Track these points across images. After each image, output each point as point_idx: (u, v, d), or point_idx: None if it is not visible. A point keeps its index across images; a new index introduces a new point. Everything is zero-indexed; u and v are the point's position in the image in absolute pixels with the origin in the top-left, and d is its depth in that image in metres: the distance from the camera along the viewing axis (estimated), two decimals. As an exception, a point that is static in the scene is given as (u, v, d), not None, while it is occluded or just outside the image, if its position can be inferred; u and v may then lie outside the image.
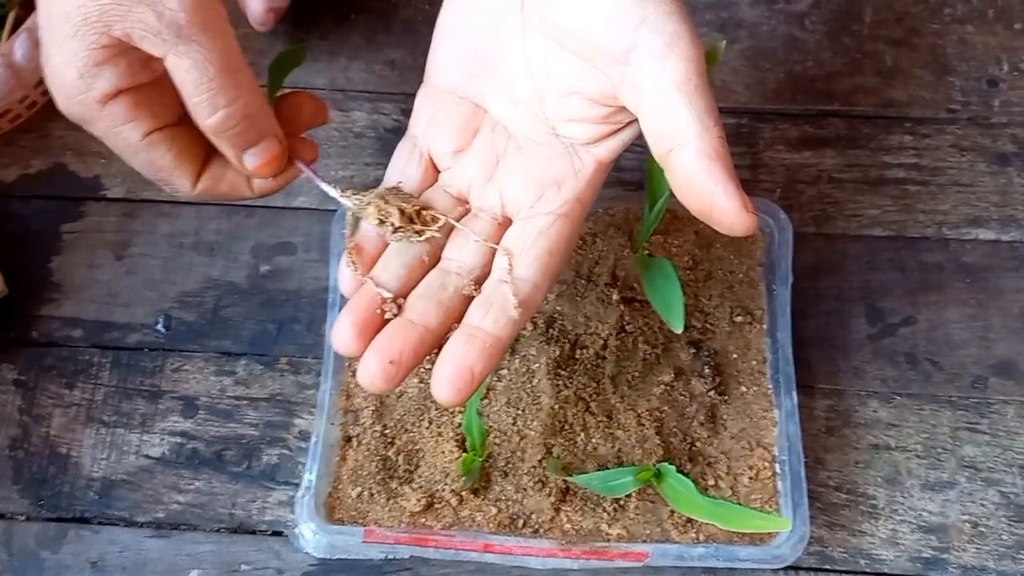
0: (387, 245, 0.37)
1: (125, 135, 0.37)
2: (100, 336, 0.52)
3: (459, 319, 0.35)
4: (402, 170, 0.39)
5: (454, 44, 0.38)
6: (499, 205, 0.37)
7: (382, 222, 0.36)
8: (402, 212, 0.36)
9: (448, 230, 0.37)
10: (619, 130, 0.36)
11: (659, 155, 0.33)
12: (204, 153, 0.40)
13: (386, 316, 0.35)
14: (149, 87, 0.37)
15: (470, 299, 0.35)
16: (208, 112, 0.36)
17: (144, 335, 0.52)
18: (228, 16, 0.36)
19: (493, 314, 0.34)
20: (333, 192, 0.38)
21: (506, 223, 0.37)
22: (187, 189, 0.40)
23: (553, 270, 0.36)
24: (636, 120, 0.34)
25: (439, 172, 0.39)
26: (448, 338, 0.34)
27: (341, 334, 0.34)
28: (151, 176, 0.40)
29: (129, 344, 0.52)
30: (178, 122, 0.39)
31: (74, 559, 0.47)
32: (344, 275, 0.37)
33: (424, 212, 0.37)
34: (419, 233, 0.36)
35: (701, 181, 0.32)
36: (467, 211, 0.38)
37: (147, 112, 0.37)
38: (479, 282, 0.35)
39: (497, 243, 0.36)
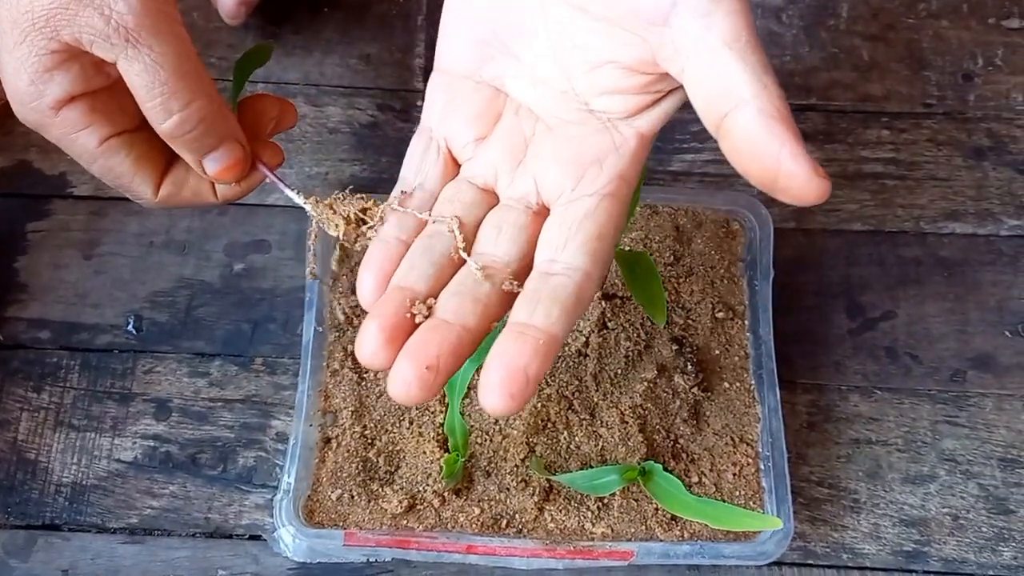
0: (407, 245, 0.34)
1: (81, 141, 0.36)
2: (68, 338, 0.51)
3: (498, 319, 0.31)
4: (418, 166, 0.36)
5: (466, 25, 0.35)
6: (533, 192, 0.34)
7: (339, 226, 0.36)
8: (346, 219, 0.35)
9: (474, 227, 0.34)
10: (660, 99, 0.32)
11: (712, 122, 0.29)
12: (165, 159, 0.39)
13: (416, 320, 0.31)
14: (105, 92, 0.36)
15: (509, 296, 0.31)
16: (163, 116, 0.35)
17: (114, 336, 0.51)
18: (180, 18, 0.36)
19: (543, 308, 0.30)
20: (298, 199, 0.37)
21: (542, 211, 0.33)
22: (148, 196, 0.39)
23: (604, 255, 0.32)
24: (679, 87, 0.31)
25: (459, 165, 0.36)
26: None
27: (368, 343, 0.30)
28: (111, 183, 0.39)
29: (98, 346, 0.51)
30: (137, 128, 0.38)
31: (44, 567, 0.45)
32: (365, 282, 0.33)
33: (370, 211, 0.35)
34: (367, 230, 0.35)
35: (764, 144, 0.28)
36: (496, 202, 0.35)
37: (103, 117, 0.36)
38: (518, 277, 0.32)
39: (535, 232, 0.33)
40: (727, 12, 0.29)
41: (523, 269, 0.32)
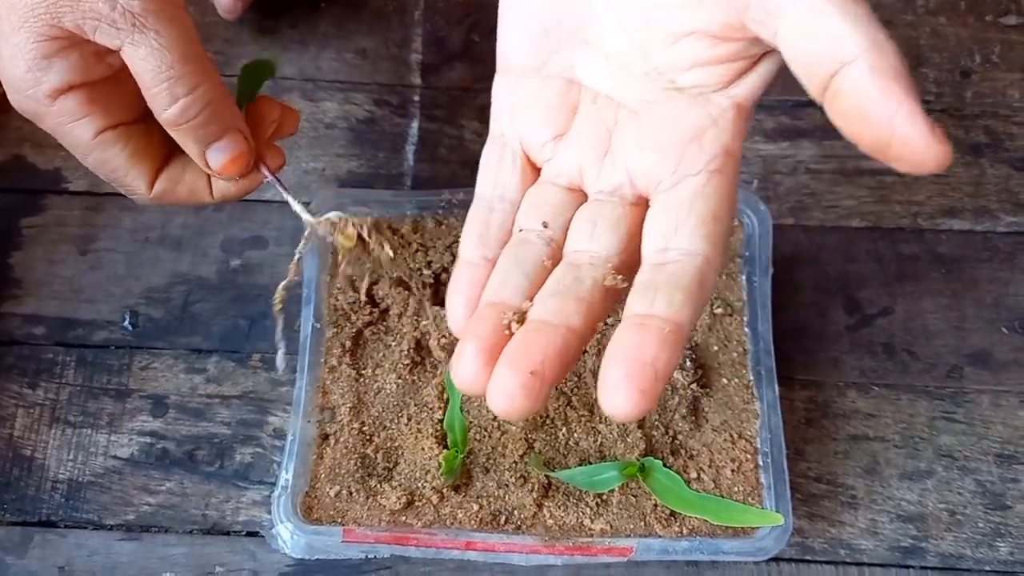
0: (493, 264, 0.31)
1: (77, 132, 0.36)
2: (64, 334, 0.50)
3: (604, 318, 0.29)
4: (495, 178, 0.33)
5: (526, 18, 0.33)
6: (627, 183, 0.31)
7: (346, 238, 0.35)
8: (347, 237, 0.35)
9: (564, 231, 0.31)
10: (756, 62, 0.29)
11: (817, 86, 0.26)
12: (161, 154, 0.39)
13: (515, 331, 0.28)
14: (104, 83, 0.36)
15: (614, 293, 0.29)
16: (167, 101, 0.35)
17: (110, 332, 0.51)
18: (185, 4, 0.35)
19: (664, 296, 0.27)
20: (297, 207, 0.37)
21: (640, 202, 0.31)
22: (143, 191, 0.39)
23: (721, 236, 0.29)
24: (774, 50, 0.28)
25: (539, 168, 0.33)
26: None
27: (468, 366, 0.27)
28: (105, 177, 0.39)
29: (94, 342, 0.50)
30: (134, 120, 0.37)
31: (40, 564, 0.45)
32: (455, 306, 0.30)
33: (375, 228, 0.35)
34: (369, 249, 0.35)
35: (878, 105, 0.25)
36: (584, 199, 0.32)
37: (100, 108, 0.36)
38: (621, 271, 0.29)
39: (635, 224, 0.30)
40: None
41: (625, 264, 0.30)
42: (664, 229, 0.29)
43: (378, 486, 0.44)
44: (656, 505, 0.44)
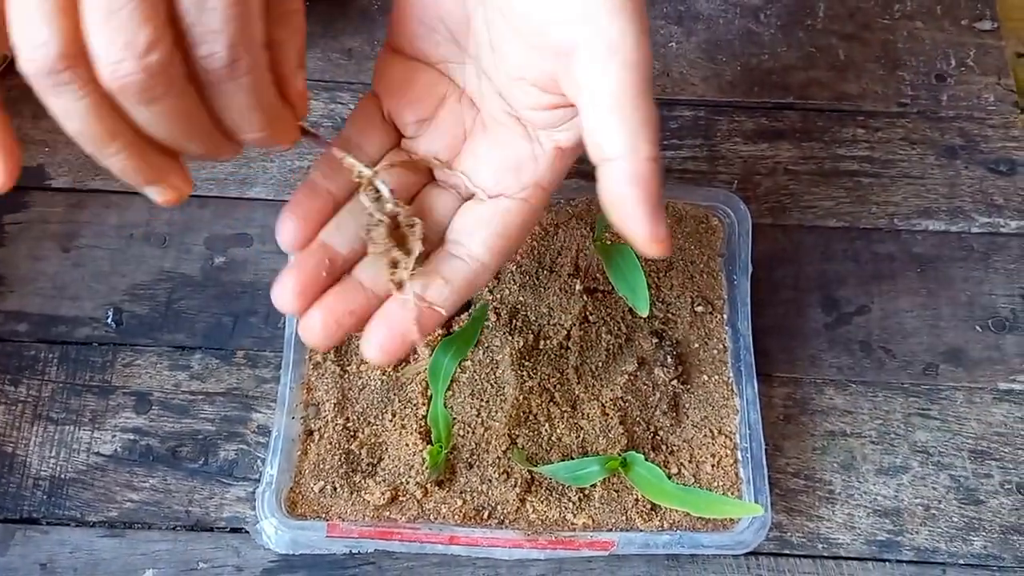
0: (337, 202, 0.35)
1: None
2: (47, 330, 0.50)
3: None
4: (362, 127, 0.37)
5: (419, 7, 0.35)
6: (463, 184, 0.36)
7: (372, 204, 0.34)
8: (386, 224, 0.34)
9: (406, 199, 0.35)
10: (576, 114, 0.33)
11: (593, 162, 0.31)
12: None
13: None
14: None
15: None
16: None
17: (93, 329, 0.51)
18: None
19: (437, 287, 0.34)
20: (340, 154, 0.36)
21: (469, 198, 0.36)
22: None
23: (504, 252, 0.35)
24: None
25: (401, 136, 0.37)
26: None
27: (285, 291, 0.33)
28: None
29: (77, 338, 0.50)
30: None
31: (22, 561, 0.45)
32: (287, 224, 0.34)
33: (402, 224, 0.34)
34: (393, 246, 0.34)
35: (619, 203, 0.30)
36: (430, 178, 0.37)
37: None
38: (429, 255, 0.35)
39: None
40: (622, 63, 0.29)
41: (440, 243, 0.36)
42: (465, 228, 0.35)
43: (362, 481, 0.44)
44: (637, 500, 0.44)
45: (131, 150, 0.29)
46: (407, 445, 0.45)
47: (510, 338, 0.47)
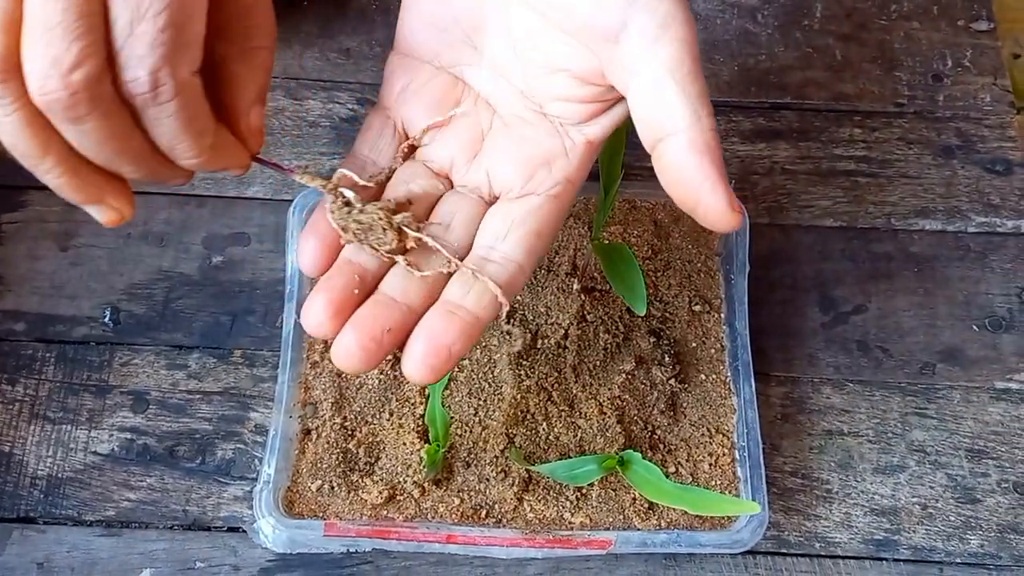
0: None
1: None
2: (44, 329, 0.50)
3: (437, 298, 0.33)
4: (373, 143, 0.36)
5: (429, 8, 0.35)
6: (486, 183, 0.35)
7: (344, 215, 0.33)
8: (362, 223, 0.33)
9: (426, 210, 0.34)
10: (610, 107, 0.34)
11: (648, 142, 0.31)
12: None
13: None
14: None
15: (449, 276, 0.33)
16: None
17: (91, 328, 0.51)
18: None
19: (476, 292, 0.32)
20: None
21: (493, 201, 0.35)
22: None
23: (539, 251, 0.34)
24: (624, 98, 0.32)
25: (414, 147, 0.36)
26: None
27: (316, 313, 0.31)
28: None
29: (75, 338, 0.50)
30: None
31: (19, 560, 0.45)
32: (308, 247, 0.33)
33: (395, 220, 0.33)
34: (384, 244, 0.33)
35: (689, 175, 0.30)
36: (450, 186, 0.36)
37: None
38: (460, 256, 0.34)
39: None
40: (673, 39, 0.30)
41: (465, 249, 0.34)
42: (497, 232, 0.34)
43: (360, 480, 0.44)
44: (635, 499, 0.44)
45: (64, 167, 0.29)
46: (405, 444, 0.45)
47: (508, 337, 0.47)
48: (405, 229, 0.33)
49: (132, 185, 0.31)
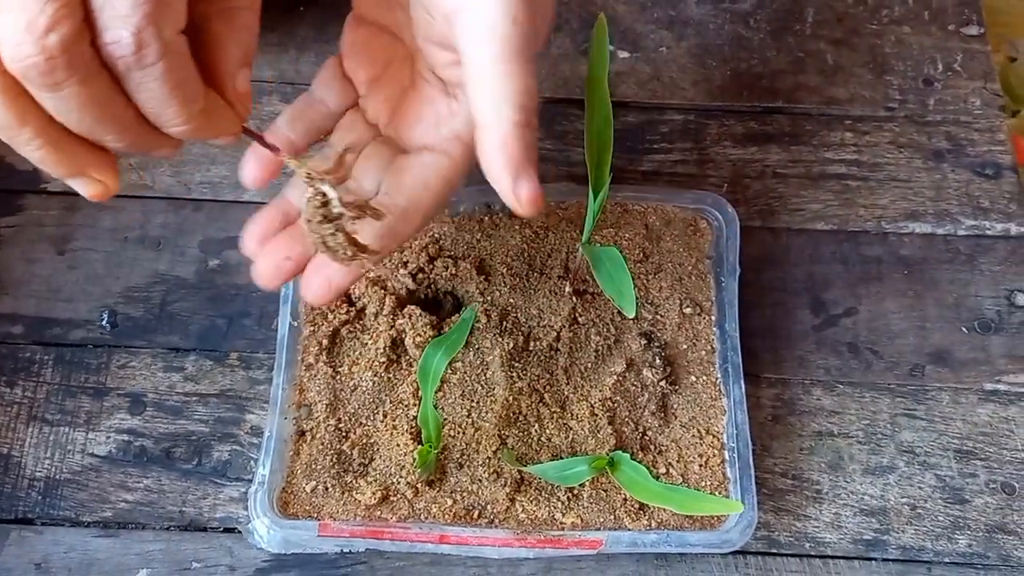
0: (293, 143, 0.40)
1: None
2: (41, 332, 0.51)
3: None
4: (327, 84, 0.40)
5: None
6: (399, 139, 0.39)
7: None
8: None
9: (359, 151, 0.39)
10: None
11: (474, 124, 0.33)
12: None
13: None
14: None
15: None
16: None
17: (88, 331, 0.51)
18: None
19: (366, 232, 0.35)
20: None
21: (403, 153, 0.38)
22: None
23: (425, 205, 0.37)
24: None
25: (358, 94, 0.40)
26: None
27: (248, 239, 0.39)
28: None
29: (72, 340, 0.51)
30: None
31: (17, 561, 0.45)
32: (251, 161, 0.39)
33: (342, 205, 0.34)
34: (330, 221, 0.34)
35: (490, 165, 0.32)
36: (378, 134, 0.40)
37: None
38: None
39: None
40: (499, 35, 0.31)
41: (372, 196, 0.38)
42: (392, 181, 0.37)
43: (354, 481, 0.45)
44: (625, 499, 0.45)
45: (45, 139, 0.27)
46: (398, 445, 0.45)
47: (500, 339, 0.47)
48: (360, 243, 0.34)
49: (118, 157, 0.30)
